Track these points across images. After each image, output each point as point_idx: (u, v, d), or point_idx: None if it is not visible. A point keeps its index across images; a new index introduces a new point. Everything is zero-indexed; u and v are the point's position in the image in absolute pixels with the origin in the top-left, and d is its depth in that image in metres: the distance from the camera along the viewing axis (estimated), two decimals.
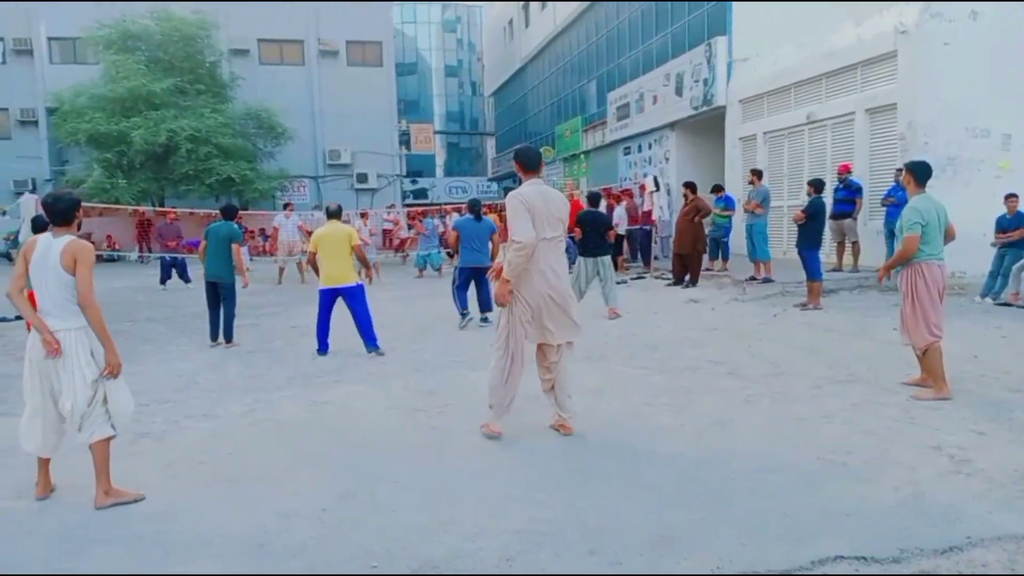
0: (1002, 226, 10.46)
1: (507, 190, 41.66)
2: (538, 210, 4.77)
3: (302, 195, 29.57)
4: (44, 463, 4.08)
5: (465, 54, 64.88)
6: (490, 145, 53.35)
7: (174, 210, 19.90)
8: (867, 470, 4.18)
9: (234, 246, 8.71)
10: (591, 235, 10.17)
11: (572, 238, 11.76)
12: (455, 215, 19.67)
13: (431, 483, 4.19)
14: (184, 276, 16.05)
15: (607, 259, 10.26)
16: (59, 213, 3.96)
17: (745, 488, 3.98)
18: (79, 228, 4.12)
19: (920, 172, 5.80)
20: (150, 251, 22.16)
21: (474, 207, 10.07)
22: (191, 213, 22.40)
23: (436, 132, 55.93)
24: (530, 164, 4.96)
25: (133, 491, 4.04)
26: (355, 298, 7.97)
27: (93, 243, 23.25)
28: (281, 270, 16.86)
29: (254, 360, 7.97)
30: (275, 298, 13.53)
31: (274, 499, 3.98)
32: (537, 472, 4.34)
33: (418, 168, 49.22)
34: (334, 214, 8.29)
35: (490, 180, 47.94)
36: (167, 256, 16.29)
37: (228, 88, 27.31)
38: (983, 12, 12.22)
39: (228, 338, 8.74)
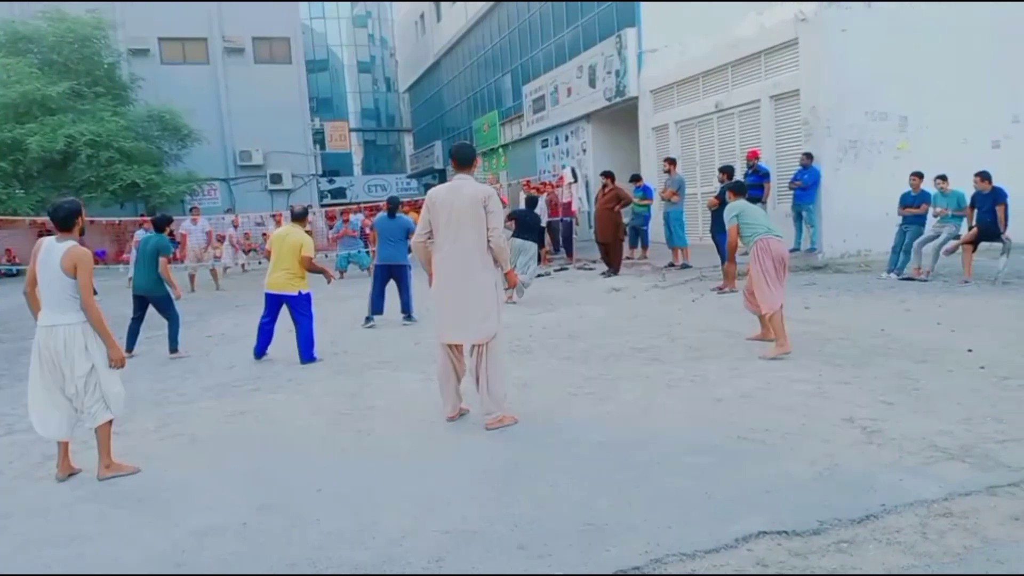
0: (906, 203, 10.90)
1: (427, 186, 41.63)
2: (439, 206, 4.93)
3: (213, 198, 28.61)
4: (63, 446, 4.52)
5: (378, 50, 63.96)
6: (408, 141, 52.84)
7: None
8: (785, 446, 4.30)
9: (161, 259, 8.34)
10: (521, 228, 11.47)
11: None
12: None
13: (356, 488, 4.09)
14: None
15: (529, 245, 11.25)
16: (60, 220, 4.41)
17: (670, 470, 4.03)
18: (82, 233, 4.54)
19: (737, 188, 7.58)
20: None
21: (389, 204, 10.01)
22: (92, 222, 21.34)
23: (351, 130, 55.07)
24: (460, 160, 5.08)
25: (130, 465, 4.54)
26: (296, 309, 7.64)
27: None
28: (192, 277, 16.29)
29: (166, 372, 7.65)
30: (189, 306, 13.00)
31: (190, 516, 3.81)
32: (466, 469, 4.30)
33: (335, 167, 48.33)
34: (297, 216, 7.98)
35: (409, 177, 47.53)
36: None
37: (128, 90, 26.12)
38: None
39: (173, 348, 8.41)
